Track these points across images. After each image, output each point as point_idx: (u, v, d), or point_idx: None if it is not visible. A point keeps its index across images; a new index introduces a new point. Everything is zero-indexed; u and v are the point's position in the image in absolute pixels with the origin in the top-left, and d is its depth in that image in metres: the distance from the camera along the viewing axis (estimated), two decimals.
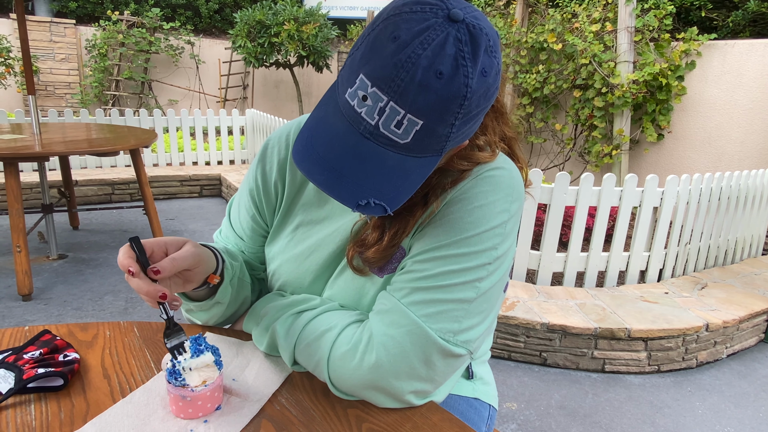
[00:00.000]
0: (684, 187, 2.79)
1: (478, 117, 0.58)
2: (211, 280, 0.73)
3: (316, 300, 0.77)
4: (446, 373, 0.66)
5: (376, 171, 0.55)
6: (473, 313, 0.65)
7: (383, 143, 0.55)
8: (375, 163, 0.55)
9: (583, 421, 1.96)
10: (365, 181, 0.55)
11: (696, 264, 3.11)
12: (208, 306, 0.78)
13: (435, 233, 0.67)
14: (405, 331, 0.63)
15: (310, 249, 0.79)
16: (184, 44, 8.36)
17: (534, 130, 5.39)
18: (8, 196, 2.48)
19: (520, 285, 2.70)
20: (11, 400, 0.64)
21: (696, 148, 4.43)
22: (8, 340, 0.77)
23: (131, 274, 0.62)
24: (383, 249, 0.70)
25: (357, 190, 0.55)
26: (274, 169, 0.82)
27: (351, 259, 0.73)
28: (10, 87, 7.21)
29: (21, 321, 2.44)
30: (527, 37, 4.93)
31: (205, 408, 0.62)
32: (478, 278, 0.65)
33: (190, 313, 0.83)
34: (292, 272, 0.81)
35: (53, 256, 3.22)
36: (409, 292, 0.65)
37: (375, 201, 0.54)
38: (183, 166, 5.36)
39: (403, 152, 0.55)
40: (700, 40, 4.25)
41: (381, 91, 0.52)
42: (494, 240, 0.66)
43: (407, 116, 0.53)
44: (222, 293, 0.76)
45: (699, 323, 2.36)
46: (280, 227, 0.84)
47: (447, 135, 0.55)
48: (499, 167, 0.69)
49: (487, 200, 0.66)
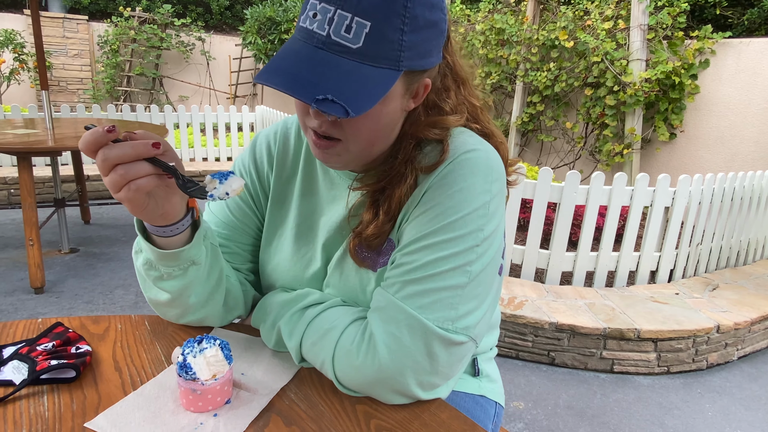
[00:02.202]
0: (696, 187, 2.76)
1: (428, 37, 0.61)
2: (192, 204, 0.69)
3: (317, 294, 0.77)
4: (450, 362, 0.65)
5: (332, 74, 0.56)
6: (468, 298, 0.65)
7: (336, 51, 0.57)
8: (330, 68, 0.57)
9: (591, 422, 1.95)
10: (322, 83, 0.56)
11: (707, 265, 3.08)
12: (185, 264, 0.70)
13: (419, 223, 0.67)
14: (403, 326, 0.63)
15: (304, 244, 0.80)
16: (195, 41, 8.40)
17: (544, 129, 5.35)
18: (21, 190, 2.51)
19: (528, 284, 2.69)
20: (25, 390, 0.65)
21: (709, 148, 4.38)
22: (22, 332, 0.78)
23: (110, 131, 0.57)
24: (380, 224, 0.70)
25: (314, 89, 0.56)
26: (264, 161, 0.84)
27: (354, 248, 0.73)
28: (24, 82, 7.29)
29: (33, 313, 2.47)
30: (538, 34, 4.89)
31: (215, 401, 0.63)
32: (468, 262, 0.65)
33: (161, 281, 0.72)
34: (288, 271, 0.81)
35: (65, 249, 3.26)
36: (401, 286, 0.65)
37: (334, 98, 0.55)
38: (193, 162, 5.39)
39: (358, 59, 0.57)
40: (715, 38, 4.19)
41: (328, 3, 0.57)
42: (479, 221, 0.66)
43: (354, 19, 0.56)
44: (196, 249, 0.70)
45: (710, 325, 2.33)
46: (272, 227, 0.84)
47: (399, 43, 0.58)
48: (475, 149, 0.69)
49: (466, 183, 0.66)
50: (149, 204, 0.62)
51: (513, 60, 5.18)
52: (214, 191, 0.61)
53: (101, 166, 0.58)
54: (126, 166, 0.57)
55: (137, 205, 0.61)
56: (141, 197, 0.60)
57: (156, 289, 0.74)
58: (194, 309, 0.77)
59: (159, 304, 0.77)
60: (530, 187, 2.64)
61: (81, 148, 0.58)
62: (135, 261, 0.74)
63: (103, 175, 0.59)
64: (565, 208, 2.62)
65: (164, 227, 0.66)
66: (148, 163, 0.59)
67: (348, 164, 0.70)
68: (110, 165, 0.57)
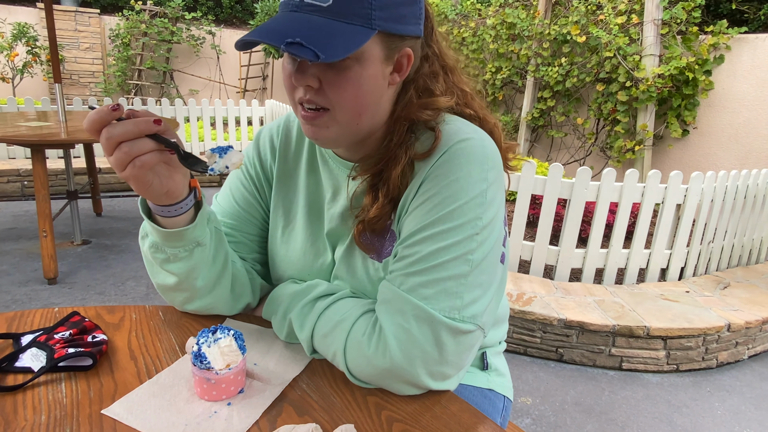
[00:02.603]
0: (709, 184, 2.73)
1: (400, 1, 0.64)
2: (193, 183, 0.70)
3: (326, 285, 0.77)
4: (459, 351, 0.66)
5: (302, 27, 0.59)
6: (472, 286, 0.65)
7: (308, 11, 0.61)
8: (301, 23, 0.60)
9: (599, 418, 1.95)
10: (292, 32, 0.58)
11: (719, 263, 3.05)
12: (190, 245, 0.72)
13: (418, 214, 0.68)
14: (410, 317, 0.64)
15: (313, 236, 0.82)
16: (205, 34, 8.42)
17: (555, 124, 5.31)
18: (35, 182, 2.54)
19: (537, 280, 2.68)
20: (43, 377, 0.66)
21: (722, 145, 4.33)
22: (39, 321, 0.79)
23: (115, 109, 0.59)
24: (381, 206, 0.71)
25: (284, 36, 0.58)
26: (267, 153, 0.86)
27: (359, 235, 0.74)
28: (37, 75, 7.35)
29: (47, 303, 2.51)
30: (550, 29, 4.85)
31: (229, 391, 0.64)
32: (469, 251, 0.65)
33: (168, 264, 0.73)
34: (299, 262, 0.83)
35: (77, 241, 3.30)
36: (405, 278, 0.66)
37: (303, 42, 0.57)
38: (203, 155, 5.42)
39: (329, 16, 0.60)
40: (730, 34, 4.12)
41: None
42: (477, 210, 0.66)
43: None
44: (200, 230, 0.72)
45: (720, 323, 2.32)
46: (279, 219, 0.85)
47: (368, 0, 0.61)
48: (469, 137, 0.69)
49: (462, 172, 0.67)
50: (153, 182, 0.64)
51: (524, 55, 5.14)
52: (215, 165, 0.63)
53: (105, 145, 0.60)
54: (130, 143, 0.59)
55: (142, 182, 0.63)
56: (146, 174, 0.62)
57: (163, 273, 0.75)
58: (202, 293, 0.78)
59: (167, 289, 0.78)
60: (540, 183, 2.63)
61: (86, 127, 0.59)
62: (142, 246, 0.75)
63: (108, 154, 0.61)
64: (576, 204, 2.61)
65: (168, 207, 0.68)
66: (151, 139, 0.61)
67: (338, 139, 0.70)
68: (114, 143, 0.59)
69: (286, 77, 0.67)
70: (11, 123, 2.95)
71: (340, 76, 0.63)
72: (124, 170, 0.61)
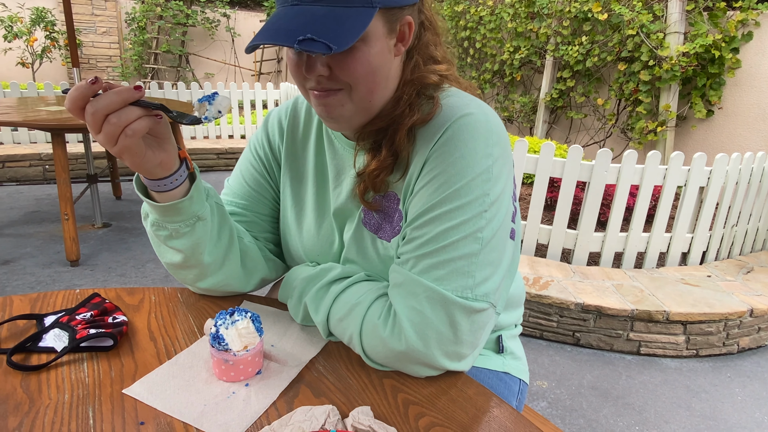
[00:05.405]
0: (734, 166, 2.65)
1: None
2: (182, 154, 0.70)
3: (340, 269, 0.77)
4: (473, 330, 0.65)
5: (307, 21, 0.59)
6: (483, 264, 0.65)
7: (308, 2, 0.60)
8: (305, 16, 0.59)
9: (616, 402, 1.94)
10: (299, 28, 0.58)
11: (742, 247, 2.98)
12: (191, 219, 0.72)
13: (425, 194, 0.67)
14: (423, 299, 0.64)
15: (324, 219, 0.82)
16: (220, 17, 8.39)
17: (574, 105, 5.20)
18: (56, 166, 2.58)
19: (554, 264, 2.66)
20: (66, 357, 0.67)
21: (749, 126, 4.19)
22: (61, 302, 0.81)
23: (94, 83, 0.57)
24: (383, 158, 0.71)
25: (294, 34, 0.58)
26: (276, 134, 0.87)
27: (363, 194, 0.73)
28: (55, 60, 7.44)
29: (70, 285, 2.57)
30: (570, 6, 4.71)
31: (247, 372, 0.64)
32: (478, 228, 0.65)
33: (171, 240, 0.73)
34: (313, 245, 0.83)
35: (98, 224, 3.36)
36: (416, 261, 0.66)
37: (314, 37, 0.57)
38: (219, 139, 5.45)
39: (329, 3, 0.60)
40: (760, 9, 3.96)
41: None
42: (484, 186, 0.65)
43: None
44: (199, 203, 0.72)
45: (743, 308, 2.27)
46: (290, 202, 0.86)
47: None
48: (471, 113, 0.68)
49: (467, 148, 0.66)
50: (147, 153, 0.63)
51: (543, 34, 5.02)
52: (207, 113, 0.63)
53: (91, 121, 0.58)
54: (117, 113, 0.58)
55: (135, 154, 0.62)
56: (138, 144, 0.61)
57: (170, 251, 0.76)
58: (212, 270, 0.78)
59: (175, 267, 0.78)
60: (559, 165, 2.58)
61: (68, 106, 0.58)
62: (146, 227, 0.76)
63: (95, 131, 0.59)
64: (595, 187, 2.56)
65: (163, 180, 0.68)
66: (136, 107, 0.60)
67: (351, 119, 0.70)
68: (101, 116, 0.58)
69: (293, 67, 0.67)
70: (32, 107, 2.99)
71: (349, 58, 0.63)
72: (116, 144, 0.59)
